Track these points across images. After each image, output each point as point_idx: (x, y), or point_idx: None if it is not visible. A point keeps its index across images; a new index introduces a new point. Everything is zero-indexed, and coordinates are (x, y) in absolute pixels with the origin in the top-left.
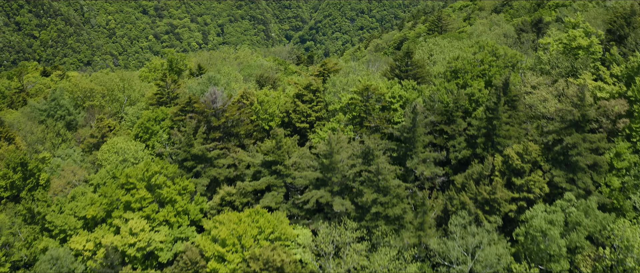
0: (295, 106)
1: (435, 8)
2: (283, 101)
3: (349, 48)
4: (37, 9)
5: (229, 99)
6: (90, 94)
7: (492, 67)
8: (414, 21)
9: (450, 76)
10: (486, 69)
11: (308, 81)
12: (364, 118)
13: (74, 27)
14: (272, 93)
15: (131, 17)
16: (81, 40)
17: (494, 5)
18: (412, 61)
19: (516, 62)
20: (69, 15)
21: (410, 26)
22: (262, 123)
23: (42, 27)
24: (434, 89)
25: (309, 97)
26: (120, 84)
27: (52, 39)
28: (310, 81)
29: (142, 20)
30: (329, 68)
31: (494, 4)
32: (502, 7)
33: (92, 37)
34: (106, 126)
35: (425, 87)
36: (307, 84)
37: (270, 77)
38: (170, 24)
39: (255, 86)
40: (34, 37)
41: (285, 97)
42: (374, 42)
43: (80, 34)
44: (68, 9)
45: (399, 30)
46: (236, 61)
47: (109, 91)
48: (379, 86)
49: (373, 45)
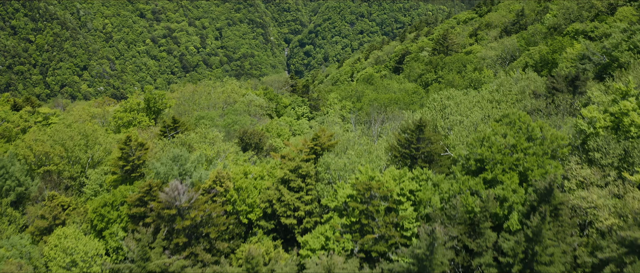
0: (280, 194)
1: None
2: (266, 185)
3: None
4: (33, 13)
5: (196, 193)
6: (46, 158)
7: (527, 156)
8: (416, 33)
9: (474, 167)
10: (521, 159)
11: (296, 164)
12: (365, 224)
13: (70, 31)
14: (253, 170)
15: (128, 20)
16: (77, 44)
17: (504, 24)
18: (425, 135)
19: (557, 148)
20: (65, 18)
21: (412, 38)
22: (240, 215)
23: (38, 31)
24: (455, 189)
25: (298, 184)
26: (81, 143)
27: (48, 43)
28: (299, 163)
29: (139, 24)
30: (323, 143)
31: (503, 21)
32: (513, 26)
33: (88, 41)
34: (59, 206)
35: (443, 179)
36: (294, 167)
37: (255, 134)
38: (168, 28)
39: (236, 146)
40: (29, 41)
41: (269, 175)
42: (375, 54)
43: (77, 38)
44: (64, 13)
45: (401, 42)
46: (223, 96)
47: (69, 150)
48: (385, 180)
49: (373, 57)
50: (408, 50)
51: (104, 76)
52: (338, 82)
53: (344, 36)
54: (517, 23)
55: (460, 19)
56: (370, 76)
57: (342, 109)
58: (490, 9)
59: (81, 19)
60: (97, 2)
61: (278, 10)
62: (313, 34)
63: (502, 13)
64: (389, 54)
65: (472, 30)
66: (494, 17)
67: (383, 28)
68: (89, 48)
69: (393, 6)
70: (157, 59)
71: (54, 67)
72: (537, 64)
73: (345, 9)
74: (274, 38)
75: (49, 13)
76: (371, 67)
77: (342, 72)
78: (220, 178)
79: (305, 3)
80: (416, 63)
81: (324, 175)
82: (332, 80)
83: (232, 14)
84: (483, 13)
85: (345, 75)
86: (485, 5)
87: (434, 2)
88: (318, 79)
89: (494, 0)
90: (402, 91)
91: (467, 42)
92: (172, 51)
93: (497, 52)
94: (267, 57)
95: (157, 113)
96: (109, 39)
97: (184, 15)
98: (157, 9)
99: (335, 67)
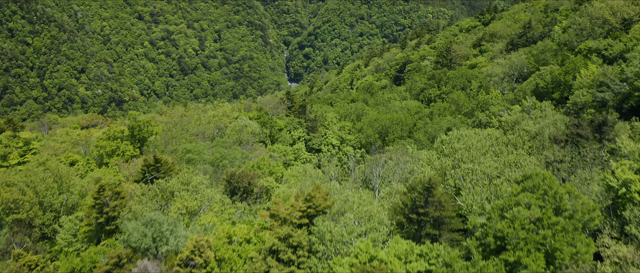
0: (268, 267)
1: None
2: (252, 252)
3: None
4: (31, 15)
5: (171, 270)
6: (15, 206)
7: (555, 234)
8: (417, 40)
9: (494, 245)
10: (548, 237)
11: (286, 231)
12: None
13: (68, 33)
14: (238, 232)
15: (126, 23)
16: (75, 47)
17: (510, 36)
18: (435, 197)
19: (590, 220)
20: (63, 21)
21: (413, 45)
22: None
23: (35, 33)
24: None
25: (288, 257)
26: (54, 186)
27: (46, 46)
28: (290, 231)
29: (138, 26)
30: (317, 205)
31: (508, 32)
32: (519, 38)
33: (86, 44)
34: (26, 266)
35: (456, 258)
36: (284, 235)
37: (244, 176)
38: (166, 30)
39: (223, 193)
40: (27, 44)
41: (256, 238)
42: (374, 61)
43: (74, 40)
44: (62, 15)
45: (401, 49)
46: (214, 120)
47: (41, 195)
48: (389, 259)
49: (373, 65)
50: (409, 59)
51: (101, 78)
52: (337, 90)
53: (344, 39)
54: (524, 36)
55: (463, 26)
56: (370, 85)
57: (341, 130)
58: (494, 17)
59: (79, 21)
60: (95, 4)
61: (277, 12)
62: (312, 36)
63: (506, 22)
64: (389, 62)
65: (475, 40)
66: (499, 27)
67: (383, 30)
68: (86, 51)
69: (393, 8)
70: (155, 61)
71: (52, 70)
72: (548, 86)
73: (344, 11)
74: (273, 40)
75: (46, 15)
76: (371, 75)
77: (342, 79)
78: (199, 246)
79: (304, 5)
80: (418, 75)
81: (318, 246)
82: (332, 87)
83: (231, 16)
84: (487, 21)
85: (345, 82)
86: (489, 13)
87: (434, 5)
88: (317, 86)
89: (497, 8)
90: (403, 110)
91: (470, 53)
92: (171, 53)
93: (504, 69)
94: (266, 59)
95: (142, 141)
96: (107, 42)
97: (183, 17)
98: (156, 11)
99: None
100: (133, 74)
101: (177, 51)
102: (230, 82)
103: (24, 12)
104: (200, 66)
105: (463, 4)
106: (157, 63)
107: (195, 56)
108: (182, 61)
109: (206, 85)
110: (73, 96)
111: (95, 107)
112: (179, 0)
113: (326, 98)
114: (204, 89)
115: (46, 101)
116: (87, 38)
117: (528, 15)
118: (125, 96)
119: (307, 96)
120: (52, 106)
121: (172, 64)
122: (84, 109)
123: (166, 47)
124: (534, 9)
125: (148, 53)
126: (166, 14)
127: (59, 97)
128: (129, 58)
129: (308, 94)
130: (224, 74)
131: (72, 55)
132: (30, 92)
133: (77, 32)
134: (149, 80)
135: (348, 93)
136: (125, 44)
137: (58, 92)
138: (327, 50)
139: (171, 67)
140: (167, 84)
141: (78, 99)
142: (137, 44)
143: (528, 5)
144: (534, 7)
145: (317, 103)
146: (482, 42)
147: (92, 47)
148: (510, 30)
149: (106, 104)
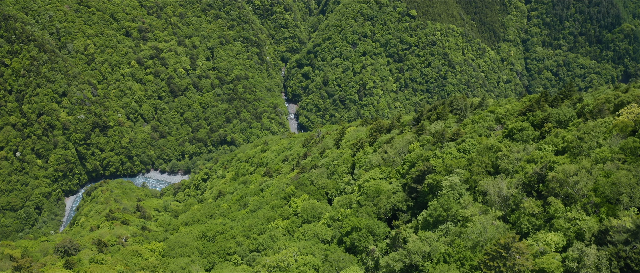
0: None
1: (467, 105)
2: None
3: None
4: (9, 34)
5: None
6: None
7: None
8: (437, 126)
9: None
10: None
11: None
12: None
13: (49, 53)
14: None
15: (112, 40)
16: (56, 68)
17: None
18: None
19: None
20: (43, 40)
21: (433, 132)
22: None
23: (13, 54)
24: None
25: None
26: None
27: (25, 67)
28: None
29: (125, 44)
30: None
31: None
32: None
33: (68, 64)
34: None
35: None
36: None
37: None
38: (155, 48)
39: None
40: (5, 65)
41: None
42: (383, 148)
43: (56, 61)
44: (43, 33)
45: (417, 134)
46: None
47: None
48: None
49: (381, 153)
50: (431, 167)
51: (85, 102)
52: (335, 175)
53: (345, 58)
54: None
55: (500, 114)
56: (377, 193)
57: None
58: (548, 116)
59: (61, 40)
60: (79, 21)
61: (275, 26)
62: (312, 54)
63: (575, 132)
64: (402, 154)
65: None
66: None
67: (387, 49)
68: (68, 72)
69: (398, 26)
70: (143, 82)
71: (31, 93)
72: None
73: (346, 28)
74: (270, 57)
75: (25, 34)
76: (378, 169)
77: (341, 160)
78: None
79: (304, 18)
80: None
81: None
82: (328, 168)
83: (225, 32)
84: (539, 122)
85: (345, 165)
86: (540, 109)
87: (443, 21)
88: (309, 164)
89: (547, 98)
90: None
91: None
92: (160, 73)
93: None
94: (262, 78)
95: None
96: (91, 61)
97: (173, 33)
98: (144, 27)
99: (333, 129)
100: (119, 96)
101: (166, 70)
102: (224, 105)
103: (2, 30)
104: (191, 86)
105: (473, 20)
106: (144, 84)
107: (186, 75)
108: (172, 82)
109: (198, 108)
110: (54, 122)
111: (78, 133)
112: (170, 15)
113: (321, 184)
114: (195, 112)
115: (25, 128)
116: (70, 57)
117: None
118: (110, 121)
119: (299, 174)
120: (31, 133)
121: (161, 85)
122: (66, 136)
123: (155, 66)
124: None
125: (135, 73)
126: (155, 30)
127: (38, 123)
128: (114, 79)
129: (300, 170)
130: (217, 96)
131: (53, 77)
132: (8, 118)
133: (58, 52)
134: (135, 103)
135: (348, 198)
136: (110, 63)
137: (38, 118)
138: (327, 70)
139: (160, 88)
140: (156, 107)
141: (59, 126)
142: (124, 64)
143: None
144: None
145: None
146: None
147: (75, 68)
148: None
149: (89, 131)
